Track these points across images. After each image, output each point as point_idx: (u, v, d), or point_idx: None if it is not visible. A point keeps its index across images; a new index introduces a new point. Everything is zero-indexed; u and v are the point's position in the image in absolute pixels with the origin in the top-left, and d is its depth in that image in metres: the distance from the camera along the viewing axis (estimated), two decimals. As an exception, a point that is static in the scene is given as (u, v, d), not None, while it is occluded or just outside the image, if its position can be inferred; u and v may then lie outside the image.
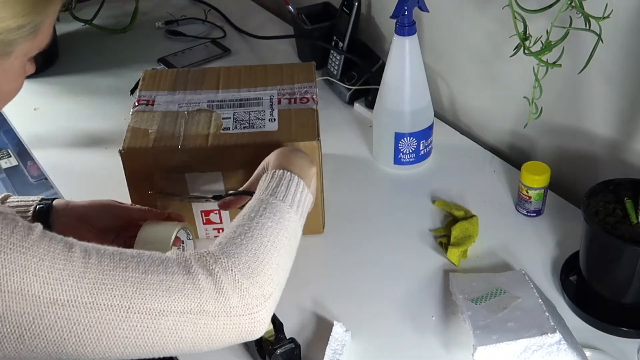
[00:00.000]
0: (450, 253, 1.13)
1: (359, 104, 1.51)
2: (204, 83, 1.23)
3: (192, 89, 1.21)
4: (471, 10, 1.32)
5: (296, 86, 1.20)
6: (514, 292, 1.00)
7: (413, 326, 1.04)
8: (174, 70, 1.30)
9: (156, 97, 1.20)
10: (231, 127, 1.12)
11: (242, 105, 1.17)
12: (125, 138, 1.11)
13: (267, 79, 1.22)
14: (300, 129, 1.11)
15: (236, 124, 1.12)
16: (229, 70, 1.26)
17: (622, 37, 1.07)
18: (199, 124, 1.13)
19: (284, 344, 0.95)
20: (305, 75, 1.23)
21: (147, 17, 1.90)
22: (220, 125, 1.12)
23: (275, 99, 1.18)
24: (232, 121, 1.13)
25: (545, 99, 1.11)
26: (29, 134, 1.48)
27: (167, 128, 1.12)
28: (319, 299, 1.09)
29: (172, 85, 1.23)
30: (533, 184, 1.18)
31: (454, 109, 1.48)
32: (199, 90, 1.21)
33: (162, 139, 1.10)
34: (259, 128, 1.11)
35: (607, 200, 1.02)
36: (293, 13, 1.63)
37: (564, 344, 0.91)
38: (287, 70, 1.25)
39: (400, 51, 1.24)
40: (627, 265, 0.98)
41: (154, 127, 1.13)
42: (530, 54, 1.06)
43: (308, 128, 1.11)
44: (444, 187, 1.29)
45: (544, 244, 1.17)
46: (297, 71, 1.24)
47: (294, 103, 1.16)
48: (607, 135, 1.18)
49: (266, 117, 1.13)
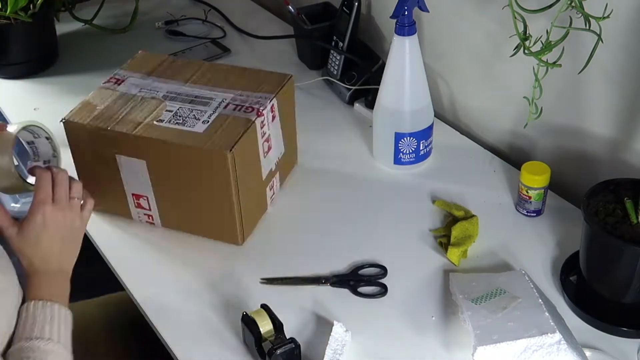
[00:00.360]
0: (450, 253, 1.13)
1: (359, 104, 1.50)
2: (178, 74, 1.26)
3: (164, 77, 1.25)
4: (471, 10, 1.32)
5: (254, 95, 1.19)
6: (514, 292, 1.00)
7: (413, 326, 1.04)
8: (164, 56, 1.33)
9: (128, 79, 1.25)
10: (165, 120, 1.14)
11: (192, 102, 1.18)
12: (72, 109, 1.17)
13: (235, 82, 1.23)
14: (223, 136, 1.10)
15: (172, 119, 1.14)
16: (211, 67, 1.28)
17: (622, 37, 1.07)
18: (142, 111, 1.16)
19: (284, 344, 0.95)
20: (271, 87, 1.21)
21: (147, 17, 1.90)
22: (157, 117, 1.14)
23: (225, 103, 1.17)
24: (171, 115, 1.15)
25: (545, 99, 1.11)
26: (29, 134, 1.48)
27: (114, 109, 1.17)
28: (319, 299, 1.09)
29: (150, 70, 1.27)
30: (533, 184, 1.18)
31: (454, 109, 1.48)
32: (168, 80, 1.24)
33: (100, 118, 1.15)
34: (189, 127, 1.12)
35: (607, 200, 1.02)
36: (293, 13, 1.63)
37: (564, 344, 0.91)
38: (261, 77, 1.24)
39: (400, 51, 1.24)
40: (627, 265, 0.98)
41: (102, 106, 1.18)
42: (530, 54, 1.06)
43: (229, 137, 1.10)
44: (444, 187, 1.29)
45: (544, 244, 1.17)
46: (268, 81, 1.23)
47: (237, 110, 1.15)
48: (607, 135, 1.18)
49: (202, 118, 1.14)
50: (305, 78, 1.59)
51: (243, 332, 1.01)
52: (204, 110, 1.16)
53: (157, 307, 1.09)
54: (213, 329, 1.05)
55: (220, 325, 1.05)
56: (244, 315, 0.99)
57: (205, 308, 1.08)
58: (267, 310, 0.99)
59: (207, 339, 1.04)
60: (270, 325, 0.98)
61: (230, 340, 1.03)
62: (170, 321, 1.07)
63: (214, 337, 1.04)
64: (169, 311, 1.08)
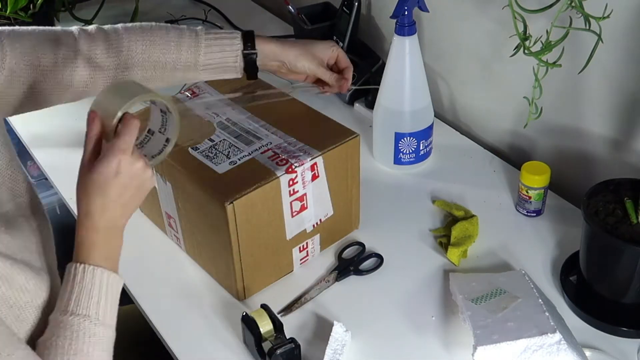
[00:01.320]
0: (450, 253, 1.13)
1: (359, 104, 1.50)
2: (251, 102, 1.17)
3: (237, 101, 1.18)
4: (471, 10, 1.32)
5: (300, 146, 1.07)
6: (514, 292, 1.00)
7: (413, 326, 1.04)
8: (260, 80, 1.18)
9: (204, 94, 1.20)
10: (200, 149, 1.08)
11: (238, 136, 1.10)
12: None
13: (294, 126, 1.12)
14: (236, 184, 1.01)
15: (206, 150, 1.08)
16: (287, 104, 1.17)
17: (622, 37, 1.07)
18: (191, 132, 1.10)
19: (284, 343, 0.95)
20: (326, 142, 1.08)
21: (147, 17, 1.89)
22: (197, 143, 1.09)
23: (267, 147, 1.08)
24: (209, 145, 1.09)
25: (545, 99, 1.11)
26: (29, 134, 1.48)
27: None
28: (319, 299, 1.09)
29: (230, 90, 1.19)
30: (533, 184, 1.18)
31: (454, 109, 1.48)
32: (237, 106, 1.17)
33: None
34: (214, 164, 1.05)
35: (607, 200, 1.02)
36: (293, 13, 1.63)
37: (564, 344, 0.91)
38: (324, 128, 1.13)
39: (400, 51, 1.24)
40: (627, 265, 0.98)
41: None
42: (530, 54, 1.06)
43: (239, 188, 1.00)
44: (444, 187, 1.29)
45: (544, 244, 1.17)
46: (329, 134, 1.10)
47: (272, 159, 1.05)
48: (607, 135, 1.18)
49: (233, 158, 1.06)
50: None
51: (243, 332, 1.01)
52: (242, 149, 1.07)
53: (157, 308, 1.09)
54: (213, 328, 1.05)
55: (220, 325, 1.05)
56: (244, 315, 0.99)
57: (205, 308, 1.08)
58: (267, 310, 0.99)
59: (207, 339, 1.04)
60: (270, 325, 0.98)
61: (230, 340, 1.03)
62: (170, 321, 1.07)
63: (214, 336, 1.04)
64: (169, 311, 1.08)
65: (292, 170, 1.03)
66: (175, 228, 1.16)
